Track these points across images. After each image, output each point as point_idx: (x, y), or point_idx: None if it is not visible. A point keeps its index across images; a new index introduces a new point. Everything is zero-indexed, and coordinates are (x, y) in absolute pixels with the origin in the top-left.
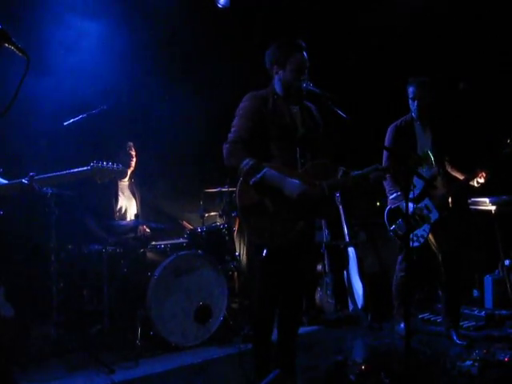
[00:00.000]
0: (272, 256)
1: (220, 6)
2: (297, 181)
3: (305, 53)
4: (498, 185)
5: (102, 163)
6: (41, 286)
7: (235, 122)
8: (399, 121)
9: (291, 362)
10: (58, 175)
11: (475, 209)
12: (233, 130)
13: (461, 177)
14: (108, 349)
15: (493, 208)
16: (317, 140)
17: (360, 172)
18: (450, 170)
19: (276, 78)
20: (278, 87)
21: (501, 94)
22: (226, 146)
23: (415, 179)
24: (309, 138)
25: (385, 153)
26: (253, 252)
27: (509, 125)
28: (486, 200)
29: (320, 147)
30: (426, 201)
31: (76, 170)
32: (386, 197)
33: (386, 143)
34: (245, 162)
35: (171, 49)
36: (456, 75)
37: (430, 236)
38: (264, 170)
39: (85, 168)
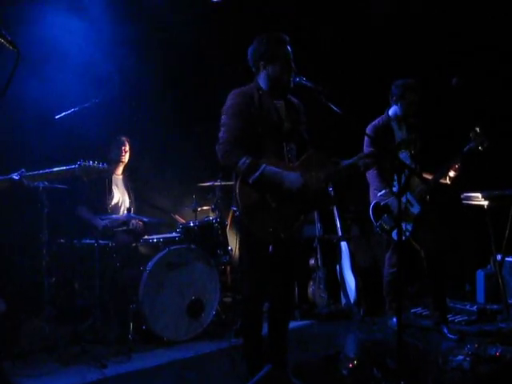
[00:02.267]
0: (277, 251)
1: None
2: (295, 174)
3: (289, 46)
4: (491, 179)
5: (89, 162)
6: (32, 280)
7: (224, 121)
8: (376, 120)
9: (282, 356)
10: (46, 172)
11: (467, 203)
12: (223, 129)
13: (429, 176)
14: (100, 343)
15: (485, 203)
16: (301, 133)
17: (349, 161)
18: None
19: (263, 73)
20: (263, 83)
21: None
22: (220, 147)
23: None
24: (294, 131)
25: (365, 148)
26: (247, 248)
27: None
28: (479, 195)
29: (305, 140)
30: (408, 195)
31: (63, 168)
32: (370, 192)
33: (366, 143)
34: (242, 161)
35: (164, 42)
36: (432, 73)
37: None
38: (262, 167)
39: (72, 166)
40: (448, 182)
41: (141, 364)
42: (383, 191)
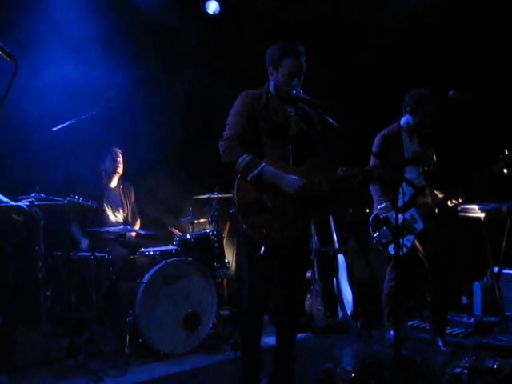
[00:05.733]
0: (269, 254)
1: (210, 13)
2: (295, 176)
3: (302, 58)
4: (487, 192)
5: (78, 199)
6: (28, 293)
7: (229, 119)
8: (386, 130)
9: (291, 369)
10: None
11: (464, 216)
12: (227, 127)
13: (440, 194)
14: (96, 356)
15: (482, 215)
16: (311, 140)
17: (358, 170)
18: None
19: (271, 78)
20: (272, 87)
21: (492, 108)
22: (222, 144)
23: (405, 186)
24: (302, 136)
25: (372, 160)
26: (241, 256)
27: (498, 140)
28: (475, 207)
29: (315, 147)
30: (412, 210)
31: (52, 202)
32: (373, 204)
33: (374, 151)
34: (242, 158)
35: (160, 55)
36: (448, 85)
37: (417, 243)
38: (261, 166)
39: (61, 201)
40: (449, 203)
41: (137, 377)
42: (384, 204)
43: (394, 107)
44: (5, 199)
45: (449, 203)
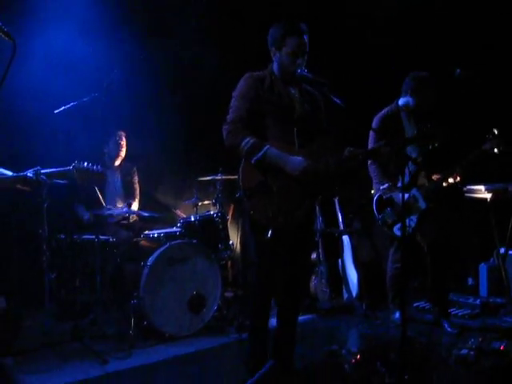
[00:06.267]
0: (276, 237)
1: None
2: (299, 158)
3: (305, 36)
4: (494, 172)
5: (83, 164)
6: (32, 276)
7: (232, 102)
8: (385, 110)
9: (290, 352)
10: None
11: (470, 196)
12: (230, 110)
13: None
14: (101, 339)
15: (488, 196)
16: (315, 121)
17: (365, 150)
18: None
19: (274, 58)
20: (276, 68)
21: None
22: (225, 127)
23: (410, 165)
24: (307, 117)
25: (371, 140)
26: (248, 239)
27: (493, 120)
28: (482, 188)
29: (320, 128)
30: (414, 191)
31: (58, 169)
32: (374, 185)
33: (371, 136)
34: (245, 141)
35: (162, 35)
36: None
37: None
38: (265, 148)
39: (67, 168)
40: (444, 185)
41: (142, 360)
42: (386, 185)
43: (390, 89)
44: (9, 173)
45: (444, 184)
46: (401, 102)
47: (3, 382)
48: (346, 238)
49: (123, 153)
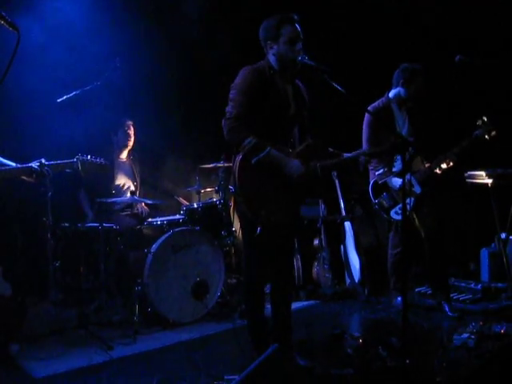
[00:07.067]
0: (265, 234)
1: None
2: (297, 161)
3: (297, 25)
4: (494, 157)
5: (86, 157)
6: (37, 264)
7: (233, 96)
8: (376, 103)
9: (287, 336)
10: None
11: (471, 182)
12: (231, 104)
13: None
14: (106, 326)
15: (489, 181)
16: (304, 119)
17: (350, 155)
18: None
19: (270, 52)
20: (273, 62)
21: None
22: (226, 123)
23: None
24: (298, 116)
25: (364, 135)
26: (243, 227)
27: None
28: (483, 173)
29: (305, 126)
30: (408, 176)
31: (62, 161)
32: (370, 171)
33: (365, 125)
34: (248, 140)
35: (165, 24)
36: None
37: (413, 213)
38: (267, 149)
39: (70, 160)
40: (438, 171)
41: (146, 346)
42: (381, 170)
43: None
44: (14, 164)
45: (437, 170)
46: (391, 93)
47: (9, 368)
48: (347, 224)
49: (132, 142)
